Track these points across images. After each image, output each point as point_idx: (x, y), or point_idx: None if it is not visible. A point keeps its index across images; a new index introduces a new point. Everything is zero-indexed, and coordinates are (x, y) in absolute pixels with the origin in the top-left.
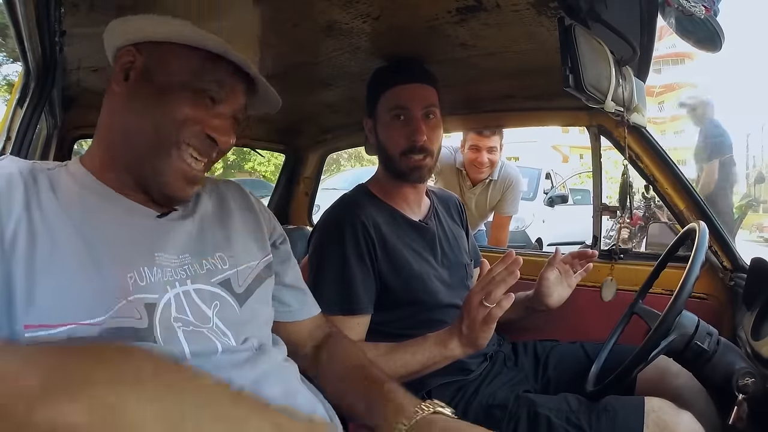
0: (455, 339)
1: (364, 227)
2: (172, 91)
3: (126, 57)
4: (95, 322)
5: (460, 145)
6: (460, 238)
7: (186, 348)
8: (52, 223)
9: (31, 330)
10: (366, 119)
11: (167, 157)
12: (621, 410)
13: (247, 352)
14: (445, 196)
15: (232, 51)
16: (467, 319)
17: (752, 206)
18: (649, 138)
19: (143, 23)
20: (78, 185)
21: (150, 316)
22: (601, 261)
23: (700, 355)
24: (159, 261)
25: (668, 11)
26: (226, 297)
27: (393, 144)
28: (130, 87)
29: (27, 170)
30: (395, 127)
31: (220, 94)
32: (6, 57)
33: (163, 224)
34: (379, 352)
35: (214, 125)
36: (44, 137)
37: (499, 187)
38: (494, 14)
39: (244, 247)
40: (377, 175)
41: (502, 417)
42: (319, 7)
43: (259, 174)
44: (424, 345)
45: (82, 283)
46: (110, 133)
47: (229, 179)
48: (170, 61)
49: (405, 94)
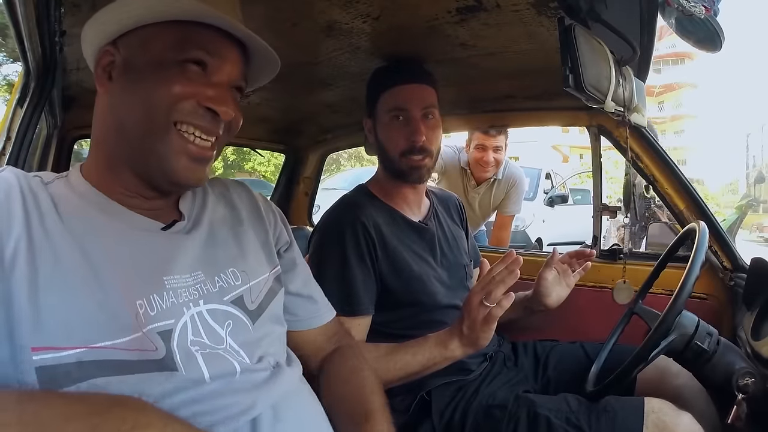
0: (456, 339)
1: (364, 228)
2: (156, 71)
3: (105, 58)
4: (107, 345)
5: (465, 144)
6: (459, 238)
7: (206, 373)
8: (54, 241)
9: (39, 352)
10: (366, 119)
11: (167, 141)
12: (621, 411)
13: (265, 372)
14: (445, 196)
15: (211, 12)
16: (467, 319)
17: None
18: (649, 138)
19: (110, 15)
20: (80, 199)
21: (167, 343)
22: (602, 261)
23: (700, 355)
24: (169, 285)
25: (668, 11)
26: (239, 315)
27: (392, 144)
28: (114, 85)
29: (27, 185)
30: (394, 128)
31: (211, 60)
32: (6, 57)
33: (171, 240)
34: (380, 353)
35: (209, 95)
36: (44, 137)
37: (503, 187)
38: (494, 14)
39: (256, 259)
40: (377, 175)
41: (502, 417)
42: (319, 7)
43: (259, 174)
44: (425, 346)
45: (90, 305)
46: (105, 135)
47: (237, 179)
48: (148, 42)
49: (404, 94)
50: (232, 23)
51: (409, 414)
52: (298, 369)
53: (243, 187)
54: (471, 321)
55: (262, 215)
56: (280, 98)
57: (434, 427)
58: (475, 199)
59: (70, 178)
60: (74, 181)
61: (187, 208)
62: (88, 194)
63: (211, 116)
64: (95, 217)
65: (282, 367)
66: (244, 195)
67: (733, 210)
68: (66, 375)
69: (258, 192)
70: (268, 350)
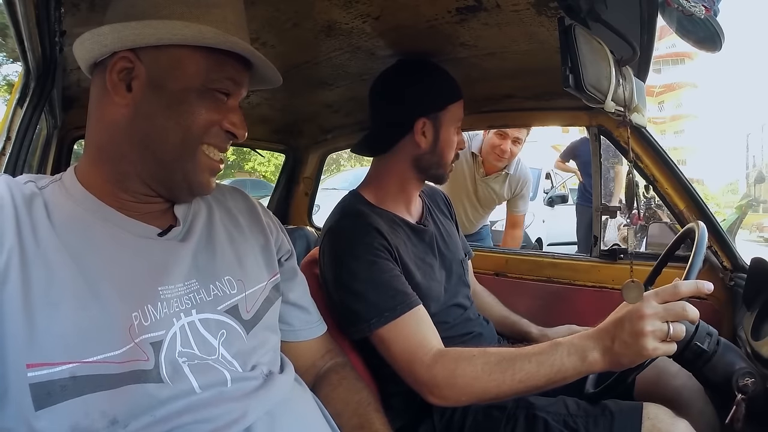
0: (598, 352)
1: (378, 232)
2: (189, 97)
3: (121, 63)
4: (99, 359)
5: (482, 131)
6: (453, 233)
7: (195, 383)
8: (48, 255)
9: (33, 369)
10: (423, 119)
11: (196, 161)
12: (618, 415)
13: (257, 380)
14: (432, 191)
15: (246, 46)
16: (627, 332)
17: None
18: (650, 138)
19: (144, 29)
20: (75, 206)
21: (156, 354)
22: (602, 261)
23: (699, 356)
24: (163, 295)
25: (668, 11)
26: (233, 325)
27: (450, 152)
28: (136, 98)
29: (20, 195)
30: (455, 139)
31: (234, 90)
32: (6, 57)
33: (167, 247)
34: (488, 359)
35: (232, 121)
36: (44, 137)
37: (513, 184)
38: (494, 14)
39: (253, 267)
40: (376, 180)
41: (501, 418)
42: (319, 7)
43: (259, 174)
44: (553, 354)
45: (83, 319)
46: (117, 146)
47: (233, 186)
48: (181, 66)
49: (461, 111)
50: (257, 54)
51: (409, 414)
52: (291, 374)
53: (240, 194)
54: (633, 335)
55: (261, 221)
56: (280, 98)
57: (434, 427)
58: (481, 190)
59: (64, 181)
60: (69, 184)
61: (182, 212)
62: (83, 200)
63: (229, 136)
64: (90, 225)
65: (274, 375)
66: (241, 201)
67: (733, 210)
68: (62, 389)
69: (256, 198)
70: (262, 359)
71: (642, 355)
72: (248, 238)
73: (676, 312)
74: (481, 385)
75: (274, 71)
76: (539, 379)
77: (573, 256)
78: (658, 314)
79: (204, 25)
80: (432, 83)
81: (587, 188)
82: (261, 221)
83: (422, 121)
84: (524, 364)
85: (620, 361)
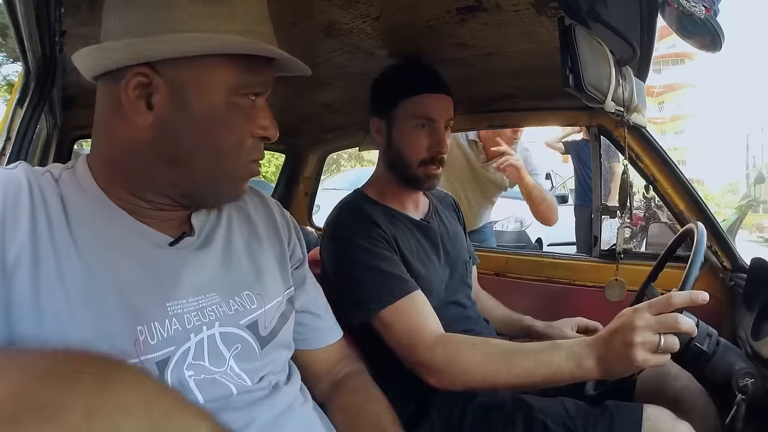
0: (593, 360)
1: (375, 224)
2: (218, 113)
3: (137, 79)
4: None
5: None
6: (459, 234)
7: (199, 397)
8: (60, 257)
9: None
10: (375, 119)
11: (230, 178)
12: (618, 417)
13: (263, 391)
14: (441, 195)
15: (276, 50)
16: (620, 341)
17: (752, 206)
18: (649, 138)
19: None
20: (87, 205)
21: (162, 372)
22: (602, 261)
23: (699, 357)
24: (173, 311)
25: (668, 11)
26: (249, 340)
27: (413, 152)
28: (158, 117)
29: (38, 186)
30: (418, 136)
31: (262, 89)
32: (6, 57)
33: (179, 257)
34: (489, 350)
35: (263, 125)
36: (44, 137)
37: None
38: (494, 14)
39: (272, 280)
40: (376, 178)
41: (499, 419)
42: (319, 7)
43: (259, 174)
44: (552, 356)
45: (89, 330)
46: (137, 163)
47: (252, 187)
48: (209, 78)
49: (433, 104)
50: (286, 55)
51: (409, 413)
52: (297, 383)
53: (260, 198)
54: (624, 346)
55: (279, 229)
56: (280, 98)
57: (433, 426)
58: (481, 175)
59: (77, 173)
60: (82, 178)
61: (200, 221)
62: (95, 197)
63: (263, 141)
64: (103, 228)
65: (280, 386)
66: (260, 207)
67: (733, 210)
68: None
69: (274, 199)
70: (270, 372)
71: (633, 366)
72: (265, 249)
73: (667, 324)
74: (479, 374)
75: (301, 64)
76: (535, 377)
77: (573, 256)
78: (649, 326)
79: (231, 35)
80: (382, 81)
81: (584, 188)
82: (278, 229)
83: (374, 121)
84: (522, 360)
85: (613, 371)
